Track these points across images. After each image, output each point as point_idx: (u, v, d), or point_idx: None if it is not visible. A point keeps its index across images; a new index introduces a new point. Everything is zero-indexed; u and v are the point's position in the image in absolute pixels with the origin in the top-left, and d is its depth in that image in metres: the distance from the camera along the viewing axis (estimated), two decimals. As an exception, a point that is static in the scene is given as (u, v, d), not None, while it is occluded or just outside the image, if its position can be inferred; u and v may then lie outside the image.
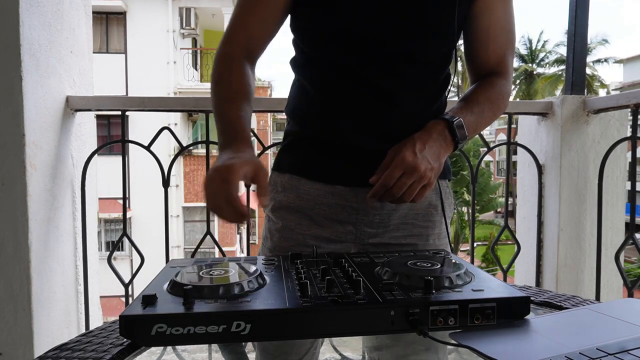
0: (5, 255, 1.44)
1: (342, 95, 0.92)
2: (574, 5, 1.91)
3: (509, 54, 0.99)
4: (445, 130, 0.86)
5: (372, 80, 0.91)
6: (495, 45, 0.97)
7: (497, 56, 0.98)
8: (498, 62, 0.98)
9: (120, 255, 11.65)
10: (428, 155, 0.82)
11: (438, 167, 0.85)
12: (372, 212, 0.94)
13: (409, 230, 0.96)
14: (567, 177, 1.88)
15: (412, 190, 0.82)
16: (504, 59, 0.99)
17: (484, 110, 0.94)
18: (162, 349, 0.69)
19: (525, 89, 27.50)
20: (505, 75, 0.98)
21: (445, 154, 0.87)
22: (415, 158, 0.81)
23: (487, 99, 0.95)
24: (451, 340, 0.59)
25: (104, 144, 2.40)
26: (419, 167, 0.81)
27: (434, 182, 0.85)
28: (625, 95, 1.79)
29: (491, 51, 0.98)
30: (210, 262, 0.78)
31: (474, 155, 18.81)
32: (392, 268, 0.71)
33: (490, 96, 0.96)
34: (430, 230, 0.97)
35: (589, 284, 1.87)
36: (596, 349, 0.53)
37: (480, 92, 0.96)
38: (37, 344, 1.47)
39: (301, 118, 0.98)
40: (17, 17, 1.40)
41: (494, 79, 0.97)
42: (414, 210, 0.95)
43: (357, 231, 0.95)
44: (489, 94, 0.96)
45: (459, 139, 0.86)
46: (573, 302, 0.81)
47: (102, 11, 13.08)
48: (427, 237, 0.97)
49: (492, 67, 0.98)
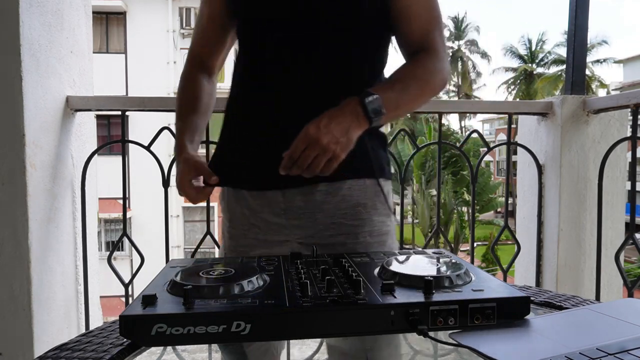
0: (5, 255, 1.44)
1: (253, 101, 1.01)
2: (574, 5, 1.91)
3: (433, 29, 1.00)
4: (358, 107, 0.86)
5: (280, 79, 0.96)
6: (417, 22, 0.99)
7: (421, 33, 0.99)
8: (423, 39, 0.99)
9: (120, 255, 11.65)
10: (334, 129, 0.84)
11: (346, 141, 0.85)
12: (299, 213, 0.97)
13: (338, 229, 0.97)
14: (567, 177, 1.88)
15: (317, 162, 0.84)
16: (429, 35, 0.99)
17: (409, 87, 0.94)
18: (162, 349, 0.69)
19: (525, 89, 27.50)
20: (432, 52, 0.98)
21: (356, 130, 0.86)
22: (319, 131, 0.83)
23: (412, 76, 0.96)
24: (451, 340, 0.59)
25: (104, 144, 2.40)
26: (321, 140, 0.83)
27: (341, 156, 0.86)
28: (625, 95, 1.79)
29: (415, 28, 0.99)
30: (210, 262, 0.78)
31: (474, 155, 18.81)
32: (392, 268, 0.71)
33: (415, 73, 0.96)
34: (360, 228, 0.98)
35: (589, 284, 1.87)
36: (596, 349, 0.53)
37: (404, 70, 0.97)
38: (37, 344, 1.47)
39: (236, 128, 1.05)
40: (17, 17, 1.40)
41: (421, 56, 0.98)
42: (341, 210, 0.97)
43: (290, 232, 0.98)
44: (414, 71, 0.97)
45: (370, 115, 0.87)
46: (573, 302, 0.81)
47: (102, 11, 13.09)
48: (357, 235, 0.98)
49: (418, 44, 0.99)
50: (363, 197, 0.98)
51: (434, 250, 0.89)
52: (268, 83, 0.98)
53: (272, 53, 0.97)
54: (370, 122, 0.87)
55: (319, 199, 0.96)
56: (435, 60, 0.98)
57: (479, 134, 2.08)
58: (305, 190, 0.96)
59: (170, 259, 1.34)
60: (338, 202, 0.96)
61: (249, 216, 1.00)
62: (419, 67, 0.97)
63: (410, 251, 0.89)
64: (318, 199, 0.96)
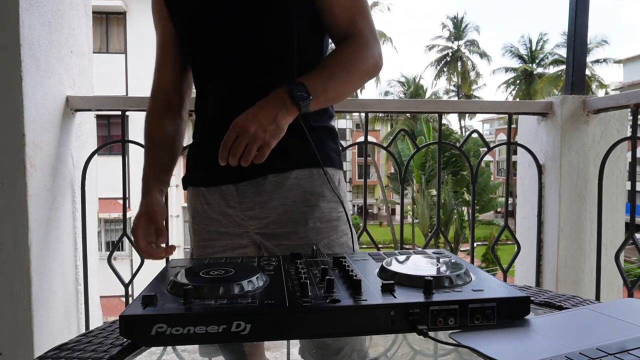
0: (5, 255, 1.44)
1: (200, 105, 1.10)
2: (574, 6, 1.91)
3: (357, 15, 1.02)
4: (285, 95, 0.90)
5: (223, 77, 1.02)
6: (339, 9, 1.01)
7: (346, 20, 1.02)
8: (348, 25, 1.02)
9: (120, 255, 11.65)
10: (262, 118, 0.88)
11: (274, 128, 0.88)
12: (252, 204, 1.03)
13: (288, 217, 1.03)
14: (567, 177, 1.88)
15: (249, 150, 0.87)
16: (354, 21, 1.02)
17: (334, 73, 0.97)
18: (162, 349, 0.69)
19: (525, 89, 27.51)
20: (357, 37, 1.01)
21: (285, 117, 0.89)
22: (247, 121, 0.87)
23: (337, 61, 0.99)
24: (451, 340, 0.59)
25: (104, 144, 2.40)
26: (249, 128, 0.87)
27: (272, 143, 0.89)
28: (625, 95, 1.79)
29: (338, 16, 1.02)
30: (210, 262, 0.78)
31: (474, 155, 18.81)
32: (392, 268, 0.71)
33: (339, 58, 0.99)
34: (309, 214, 1.02)
35: (589, 284, 1.87)
36: (596, 349, 0.53)
37: (329, 57, 1.01)
38: (37, 344, 1.47)
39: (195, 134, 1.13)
40: (17, 17, 1.40)
41: (346, 42, 1.01)
42: (289, 199, 1.02)
43: (246, 223, 1.05)
44: (338, 56, 1.00)
45: (297, 100, 0.90)
46: (573, 302, 0.81)
47: (102, 11, 13.08)
48: (307, 221, 1.02)
49: (345, 31, 1.02)
50: (310, 185, 1.03)
51: (434, 250, 0.89)
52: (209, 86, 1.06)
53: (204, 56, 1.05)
54: (299, 108, 0.90)
55: (269, 189, 1.02)
56: (360, 44, 1.01)
57: (479, 134, 2.08)
58: (256, 182, 1.02)
59: (170, 259, 1.34)
60: (287, 192, 1.02)
61: (209, 211, 1.08)
62: (344, 53, 1.00)
63: (410, 251, 0.89)
64: (268, 189, 1.02)
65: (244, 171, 0.94)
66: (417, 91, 30.71)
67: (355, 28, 1.01)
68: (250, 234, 1.06)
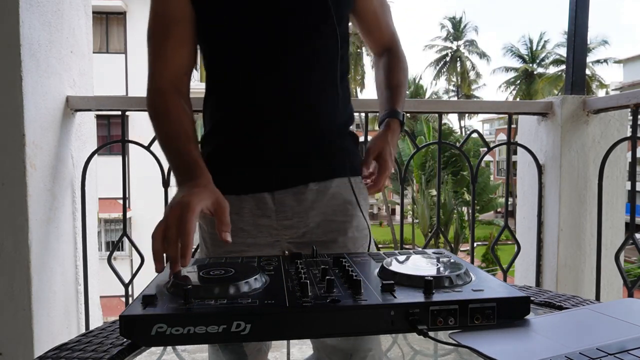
0: (5, 255, 1.44)
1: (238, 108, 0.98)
2: (574, 5, 1.91)
3: (392, 23, 1.18)
4: (398, 126, 1.09)
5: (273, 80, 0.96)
6: (382, 19, 1.15)
7: (389, 32, 1.17)
8: (390, 33, 1.17)
9: (120, 255, 11.66)
10: (394, 154, 1.08)
11: None
12: (290, 213, 0.99)
13: (328, 226, 1.00)
14: (567, 177, 1.88)
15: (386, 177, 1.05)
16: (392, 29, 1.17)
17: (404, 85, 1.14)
18: (162, 349, 0.69)
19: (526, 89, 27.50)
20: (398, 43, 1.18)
21: None
22: (392, 163, 1.07)
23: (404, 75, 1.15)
24: (451, 340, 0.59)
25: (104, 144, 2.40)
26: (392, 168, 1.09)
27: None
28: (625, 95, 1.79)
29: (384, 29, 1.16)
30: (210, 262, 0.78)
31: (474, 155, 18.81)
32: (392, 268, 0.71)
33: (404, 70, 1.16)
34: (348, 224, 1.02)
35: (589, 284, 1.87)
36: (596, 349, 0.53)
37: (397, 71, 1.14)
38: (37, 344, 1.47)
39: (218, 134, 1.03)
40: (17, 17, 1.40)
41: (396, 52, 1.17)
42: (331, 208, 1.00)
43: (280, 233, 1.00)
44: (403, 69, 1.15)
45: (404, 126, 1.11)
46: (573, 302, 0.81)
47: (102, 11, 13.08)
48: (346, 231, 1.01)
49: (387, 39, 1.17)
50: (349, 194, 1.02)
51: (434, 250, 0.89)
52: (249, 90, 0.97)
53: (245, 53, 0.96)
54: None
55: (310, 198, 0.99)
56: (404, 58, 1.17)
57: (479, 134, 2.08)
58: (295, 190, 0.99)
59: (170, 259, 1.34)
60: (328, 200, 1.00)
61: (236, 221, 0.95)
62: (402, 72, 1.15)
63: (410, 251, 0.89)
64: (309, 198, 0.99)
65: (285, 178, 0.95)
66: (416, 91, 30.71)
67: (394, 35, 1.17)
68: (282, 243, 1.02)
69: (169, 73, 0.98)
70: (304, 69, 0.97)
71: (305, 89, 0.97)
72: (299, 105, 0.97)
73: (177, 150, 0.90)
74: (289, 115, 0.97)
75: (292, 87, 0.97)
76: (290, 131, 0.97)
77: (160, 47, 0.98)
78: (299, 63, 0.97)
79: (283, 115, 0.97)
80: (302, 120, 0.97)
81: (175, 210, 0.72)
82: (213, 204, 0.77)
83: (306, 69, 0.98)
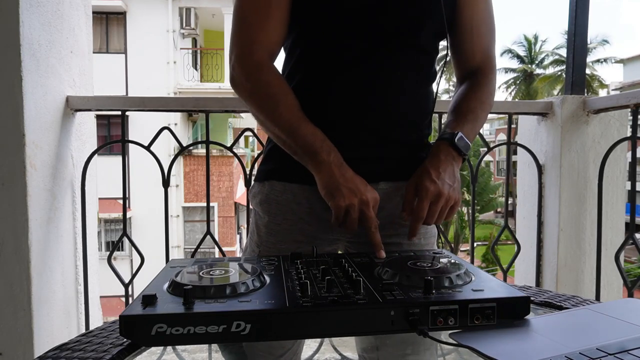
0: (5, 255, 1.44)
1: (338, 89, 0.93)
2: (574, 6, 1.91)
3: (492, 46, 1.03)
4: (450, 149, 0.91)
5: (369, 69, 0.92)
6: (479, 38, 1.01)
7: (482, 49, 1.02)
8: (483, 56, 1.02)
9: (120, 255, 11.65)
10: (446, 177, 0.88)
11: (457, 184, 0.90)
12: None
13: (394, 229, 0.96)
14: (567, 177, 1.88)
15: (442, 213, 0.88)
16: (489, 52, 1.02)
17: (478, 115, 0.97)
18: (162, 349, 0.69)
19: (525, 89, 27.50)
20: (491, 70, 1.02)
21: (457, 169, 0.92)
22: (437, 185, 0.87)
23: (479, 103, 0.99)
24: (451, 340, 0.59)
25: (104, 144, 2.40)
26: (442, 192, 0.87)
27: (459, 198, 0.90)
28: (625, 95, 1.79)
29: (476, 44, 1.01)
30: (210, 262, 0.78)
31: (474, 155, 18.81)
32: (392, 268, 0.71)
33: (481, 100, 0.99)
34: None
35: (589, 284, 1.87)
36: (596, 349, 0.53)
37: (471, 98, 0.99)
38: (37, 344, 1.47)
39: None
40: (17, 17, 1.40)
41: (481, 79, 1.01)
42: (398, 210, 0.94)
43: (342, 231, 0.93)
44: (479, 98, 0.99)
45: (464, 152, 0.92)
46: (573, 302, 0.81)
47: (102, 11, 13.08)
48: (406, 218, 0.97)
49: (479, 61, 1.02)
50: None
51: (434, 250, 0.89)
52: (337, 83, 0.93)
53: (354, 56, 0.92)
54: (463, 157, 0.93)
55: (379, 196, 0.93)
56: (493, 79, 1.02)
57: (479, 134, 2.08)
58: None
59: (170, 259, 1.34)
60: (398, 202, 0.94)
61: (298, 211, 0.95)
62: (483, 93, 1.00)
63: (410, 251, 0.89)
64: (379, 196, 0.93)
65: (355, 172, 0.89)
66: (417, 91, 30.53)
67: (489, 60, 1.02)
68: (341, 242, 0.98)
69: (267, 42, 0.92)
70: (407, 66, 0.94)
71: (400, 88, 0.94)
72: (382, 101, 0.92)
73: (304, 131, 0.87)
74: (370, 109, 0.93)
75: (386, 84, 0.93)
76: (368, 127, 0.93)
77: (263, 19, 0.92)
78: (405, 57, 0.94)
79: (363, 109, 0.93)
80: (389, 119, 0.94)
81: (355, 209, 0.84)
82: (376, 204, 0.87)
83: (409, 67, 0.95)
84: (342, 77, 0.93)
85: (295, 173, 0.93)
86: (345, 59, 0.92)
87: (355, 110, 0.93)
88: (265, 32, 0.92)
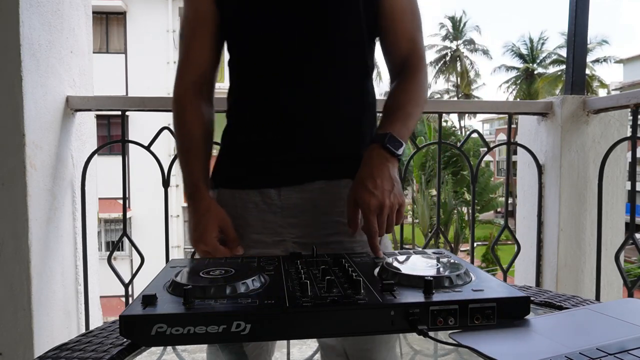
0: (5, 255, 1.44)
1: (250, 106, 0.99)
2: (574, 6, 1.91)
3: (418, 34, 1.02)
4: (383, 151, 0.89)
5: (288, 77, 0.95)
6: (402, 26, 1.00)
7: (407, 37, 1.01)
8: (409, 44, 1.01)
9: (120, 255, 11.66)
10: (384, 184, 0.85)
11: (397, 185, 0.87)
12: (296, 211, 0.97)
13: (334, 228, 0.97)
14: (567, 177, 1.88)
15: (391, 221, 0.86)
16: (415, 40, 1.01)
17: (409, 110, 0.96)
18: (162, 349, 0.69)
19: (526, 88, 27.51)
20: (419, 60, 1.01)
21: (394, 169, 0.89)
22: (376, 197, 0.84)
23: (409, 98, 0.98)
24: (451, 340, 0.59)
25: (104, 144, 2.40)
26: (384, 203, 0.84)
27: (404, 200, 0.89)
28: (625, 95, 1.79)
29: (399, 33, 1.01)
30: (210, 262, 0.78)
31: (474, 155, 18.81)
32: (392, 268, 0.71)
33: (411, 94, 0.99)
34: None
35: (589, 284, 1.87)
36: (596, 349, 0.53)
37: (400, 93, 0.99)
38: (37, 344, 1.47)
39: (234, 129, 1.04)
40: (17, 17, 1.40)
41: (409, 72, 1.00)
42: (338, 208, 0.95)
43: (286, 231, 0.98)
44: (409, 92, 0.99)
45: (397, 153, 0.89)
46: (573, 302, 0.81)
47: (102, 11, 13.09)
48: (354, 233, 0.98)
49: (405, 51, 1.01)
50: None
51: (434, 250, 0.89)
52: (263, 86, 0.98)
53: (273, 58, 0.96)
54: (397, 157, 0.90)
55: (316, 197, 0.96)
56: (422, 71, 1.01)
57: (479, 134, 2.08)
58: (302, 187, 0.96)
59: (170, 259, 1.34)
60: (335, 201, 0.96)
61: (243, 215, 0.98)
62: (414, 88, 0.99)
63: (410, 251, 0.89)
64: (315, 196, 0.96)
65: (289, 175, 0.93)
66: (417, 91, 30.53)
67: (416, 49, 1.01)
68: (287, 242, 0.99)
69: (193, 74, 1.01)
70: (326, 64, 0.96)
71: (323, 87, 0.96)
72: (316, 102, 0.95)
73: (184, 166, 0.99)
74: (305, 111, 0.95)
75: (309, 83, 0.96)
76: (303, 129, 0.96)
77: (186, 48, 1.01)
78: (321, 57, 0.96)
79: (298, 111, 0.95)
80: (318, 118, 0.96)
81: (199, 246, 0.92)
82: (220, 226, 0.92)
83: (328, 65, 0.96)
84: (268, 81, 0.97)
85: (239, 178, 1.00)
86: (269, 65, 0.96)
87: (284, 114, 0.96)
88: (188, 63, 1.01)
